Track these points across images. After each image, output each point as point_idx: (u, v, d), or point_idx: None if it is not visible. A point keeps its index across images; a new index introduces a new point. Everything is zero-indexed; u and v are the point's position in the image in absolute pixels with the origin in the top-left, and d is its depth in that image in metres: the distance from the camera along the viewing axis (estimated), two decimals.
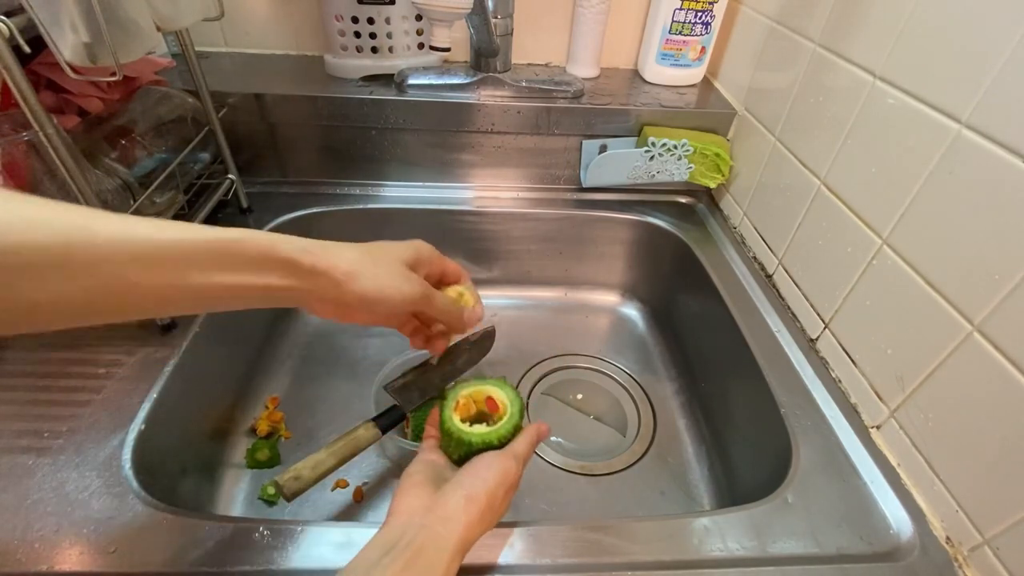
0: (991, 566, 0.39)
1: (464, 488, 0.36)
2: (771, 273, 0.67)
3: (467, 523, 0.34)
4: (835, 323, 0.56)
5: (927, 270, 0.45)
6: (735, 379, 0.63)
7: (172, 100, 0.64)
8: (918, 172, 0.45)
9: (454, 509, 0.34)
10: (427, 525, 0.33)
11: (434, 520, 0.33)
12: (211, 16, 0.57)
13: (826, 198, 0.57)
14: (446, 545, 0.32)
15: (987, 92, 0.39)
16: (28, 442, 0.45)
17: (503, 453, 0.39)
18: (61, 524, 0.40)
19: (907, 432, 0.47)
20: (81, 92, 0.56)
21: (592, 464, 0.65)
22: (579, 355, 0.79)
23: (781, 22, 0.65)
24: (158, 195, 0.60)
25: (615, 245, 0.83)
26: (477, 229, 0.81)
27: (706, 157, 0.76)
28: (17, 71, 0.38)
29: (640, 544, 0.42)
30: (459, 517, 0.34)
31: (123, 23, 0.43)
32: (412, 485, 0.37)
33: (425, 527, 0.33)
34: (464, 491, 0.35)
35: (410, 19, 0.73)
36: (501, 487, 0.37)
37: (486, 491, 0.36)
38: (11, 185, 0.46)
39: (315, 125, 0.74)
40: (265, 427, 0.63)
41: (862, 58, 0.52)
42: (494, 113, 0.74)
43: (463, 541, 0.33)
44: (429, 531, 0.33)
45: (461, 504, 0.34)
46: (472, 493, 0.35)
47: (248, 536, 0.40)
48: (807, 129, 0.60)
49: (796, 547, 0.42)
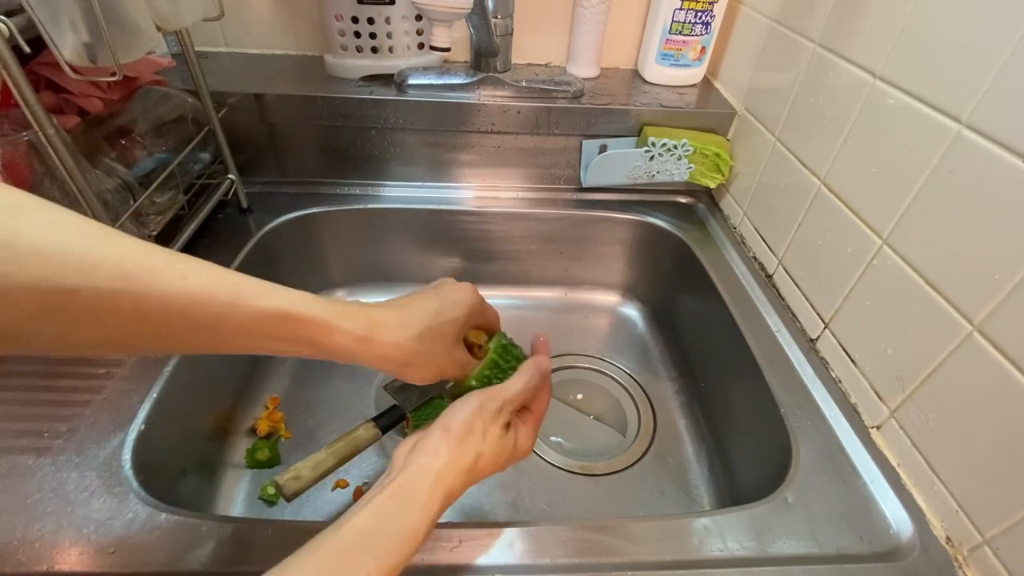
0: (991, 566, 0.39)
1: (442, 422, 0.37)
2: (771, 273, 0.67)
3: (447, 451, 0.35)
4: (835, 323, 0.56)
5: (927, 270, 0.45)
6: (735, 379, 0.63)
7: (172, 100, 0.64)
8: (918, 172, 0.45)
9: (433, 442, 0.36)
10: (410, 460, 0.35)
11: (416, 455, 0.35)
12: (211, 16, 0.57)
13: (826, 198, 0.57)
14: (426, 474, 0.34)
15: (987, 92, 0.39)
16: (28, 442, 0.45)
17: (481, 390, 0.40)
18: (61, 524, 0.40)
19: (907, 432, 0.47)
20: (81, 92, 0.56)
21: (592, 464, 0.65)
22: (579, 355, 0.79)
23: (781, 22, 0.65)
24: (158, 195, 0.60)
25: (615, 245, 0.83)
26: (477, 229, 0.81)
27: (706, 157, 0.76)
28: (17, 71, 0.38)
29: (640, 544, 0.42)
30: (439, 447, 0.35)
31: (123, 23, 0.43)
32: (410, 438, 0.38)
33: (409, 462, 0.35)
34: (441, 424, 0.37)
35: (410, 19, 0.73)
36: (478, 416, 0.37)
37: (460, 420, 0.37)
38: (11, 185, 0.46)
39: (315, 125, 0.74)
40: (265, 427, 0.63)
41: (862, 58, 0.52)
42: (494, 113, 0.74)
43: (445, 468, 0.35)
44: (412, 464, 0.35)
45: (439, 435, 0.36)
46: (447, 423, 0.37)
47: (248, 536, 0.40)
48: (807, 129, 0.60)
49: (796, 547, 0.42)
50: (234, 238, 0.69)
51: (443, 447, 0.35)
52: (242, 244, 0.68)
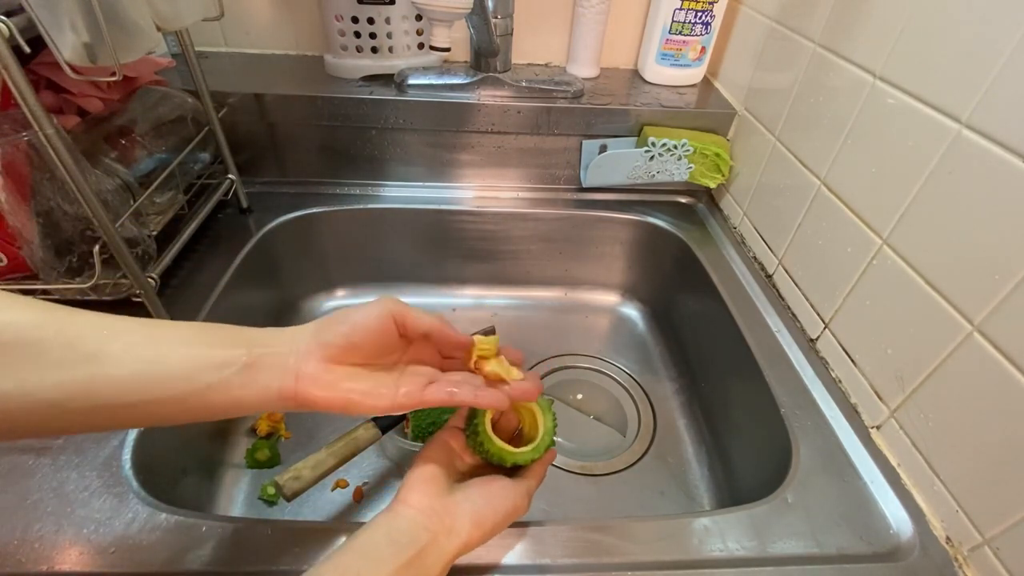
0: (991, 566, 0.39)
1: (476, 510, 0.36)
2: (771, 273, 0.67)
3: (466, 542, 0.35)
4: (835, 323, 0.56)
5: (927, 270, 0.45)
6: (735, 379, 0.63)
7: (172, 100, 0.64)
8: (918, 172, 0.45)
9: (460, 527, 0.35)
10: (432, 530, 0.34)
11: (440, 529, 0.35)
12: (211, 16, 0.57)
13: (826, 198, 0.57)
14: (443, 556, 0.34)
15: (987, 92, 0.39)
16: (28, 442, 0.45)
17: (519, 488, 0.39)
18: (61, 524, 0.40)
19: (907, 432, 0.47)
20: (81, 92, 0.56)
21: (592, 464, 0.65)
22: (579, 355, 0.79)
23: (781, 22, 0.65)
24: (158, 195, 0.60)
25: (615, 245, 0.83)
26: (477, 229, 0.81)
27: (706, 157, 0.76)
28: (17, 71, 0.37)
29: (640, 544, 0.42)
30: (462, 535, 0.35)
31: (123, 23, 0.43)
32: (427, 477, 0.37)
33: (429, 531, 0.34)
34: (475, 514, 0.36)
35: (410, 19, 0.73)
36: (507, 520, 0.38)
37: (494, 522, 0.37)
38: (11, 185, 0.46)
39: (315, 125, 0.74)
40: (265, 427, 0.63)
41: (862, 58, 0.52)
42: (494, 113, 0.74)
43: (458, 554, 0.35)
44: (433, 537, 0.34)
45: (467, 526, 0.35)
46: (480, 520, 0.36)
47: (248, 536, 0.40)
48: (807, 129, 0.60)
49: (796, 547, 0.42)
50: (234, 238, 0.69)
51: (464, 537, 0.35)
52: (242, 244, 0.68)
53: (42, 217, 0.49)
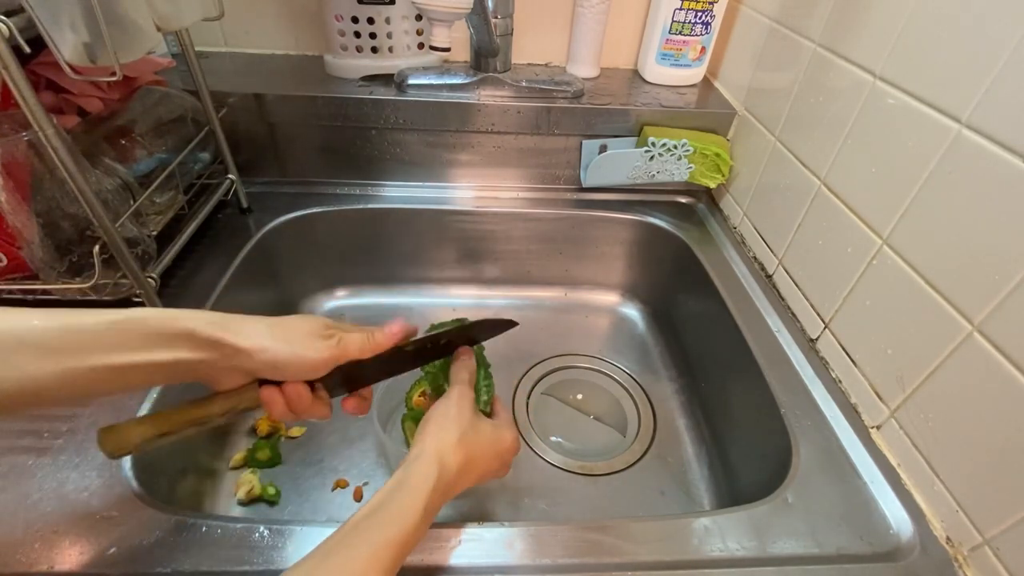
0: (991, 566, 0.39)
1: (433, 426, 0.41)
2: (771, 273, 0.67)
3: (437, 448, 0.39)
4: (835, 323, 0.56)
5: (927, 270, 0.45)
6: (735, 379, 0.63)
7: (172, 100, 0.64)
8: (918, 172, 0.45)
9: (426, 442, 0.39)
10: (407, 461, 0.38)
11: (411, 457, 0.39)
12: (211, 16, 0.57)
13: (826, 198, 0.57)
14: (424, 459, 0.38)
15: (987, 92, 0.39)
16: (28, 442, 0.45)
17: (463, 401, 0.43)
18: (61, 524, 0.40)
19: (907, 432, 0.47)
20: (81, 92, 0.56)
21: (592, 464, 0.65)
22: (579, 355, 0.79)
23: (781, 22, 0.65)
24: (158, 195, 0.60)
25: (615, 245, 0.83)
26: (477, 229, 0.81)
27: (706, 157, 0.76)
28: (17, 71, 0.38)
29: (640, 544, 0.42)
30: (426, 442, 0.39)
31: (123, 23, 0.43)
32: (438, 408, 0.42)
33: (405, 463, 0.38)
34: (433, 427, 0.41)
35: (410, 19, 0.73)
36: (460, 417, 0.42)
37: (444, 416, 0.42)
38: (11, 185, 0.46)
39: (315, 125, 0.74)
40: (265, 427, 0.63)
41: (862, 58, 0.52)
42: (494, 113, 0.74)
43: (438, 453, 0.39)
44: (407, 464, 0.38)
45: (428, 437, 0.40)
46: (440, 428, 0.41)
47: (248, 536, 0.40)
48: (807, 129, 0.60)
49: (796, 547, 0.42)
50: (234, 238, 0.69)
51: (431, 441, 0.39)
52: (242, 244, 0.68)
53: (42, 217, 0.49)
